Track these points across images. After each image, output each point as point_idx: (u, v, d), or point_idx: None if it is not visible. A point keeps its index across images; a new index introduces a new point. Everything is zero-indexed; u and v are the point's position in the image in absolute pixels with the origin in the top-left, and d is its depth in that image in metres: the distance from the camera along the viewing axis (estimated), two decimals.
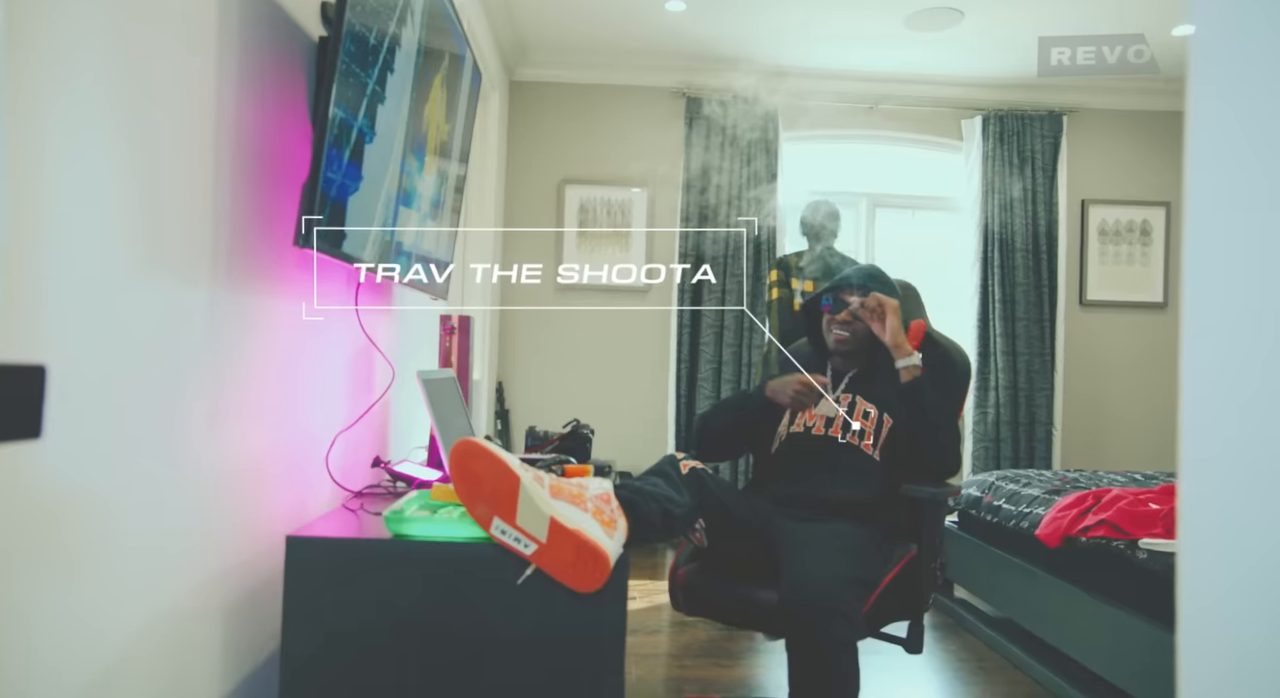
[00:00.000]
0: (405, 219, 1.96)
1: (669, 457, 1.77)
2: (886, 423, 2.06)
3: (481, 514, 1.29)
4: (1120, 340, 4.57)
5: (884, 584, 1.82)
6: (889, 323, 2.04)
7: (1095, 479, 3.22)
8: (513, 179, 4.44)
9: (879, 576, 1.82)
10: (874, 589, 1.78)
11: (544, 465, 2.21)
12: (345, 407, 2.01)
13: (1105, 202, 4.57)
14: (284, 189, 1.55)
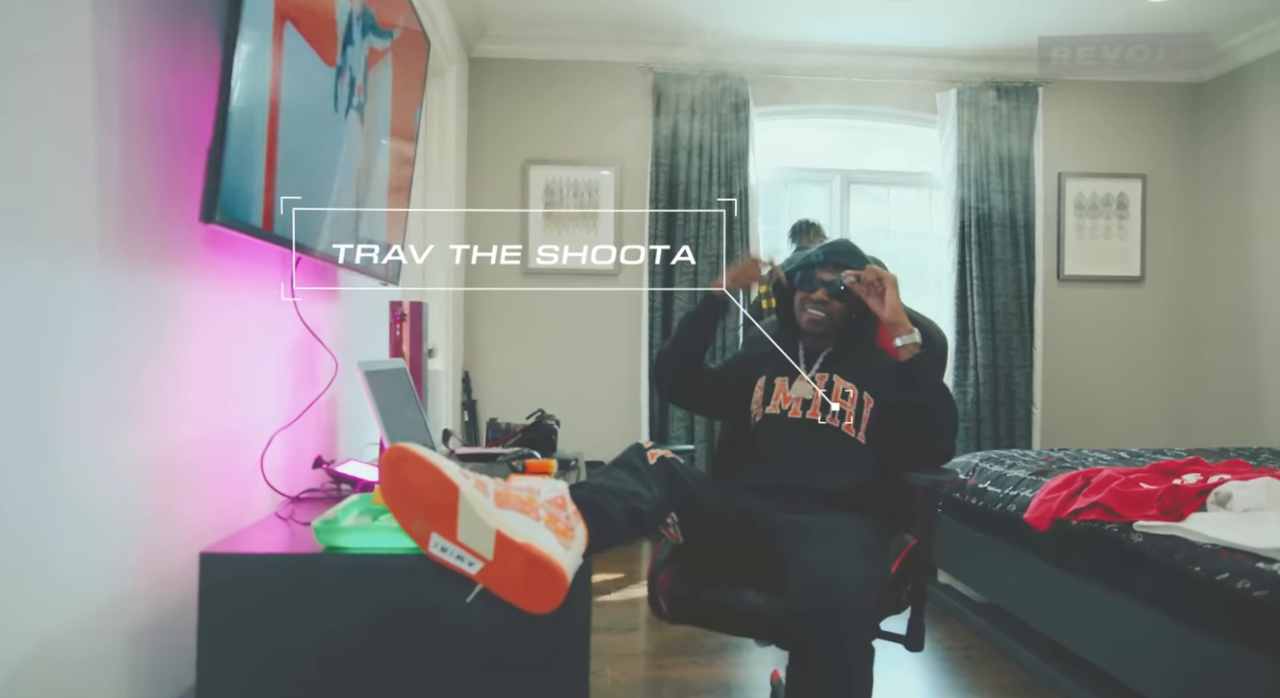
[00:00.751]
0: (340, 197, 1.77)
1: (634, 446, 1.61)
2: (868, 403, 1.92)
3: (418, 531, 1.12)
4: (1098, 315, 4.48)
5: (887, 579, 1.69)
6: (889, 298, 1.87)
7: (1080, 459, 3.11)
8: (475, 161, 4.24)
9: (885, 571, 1.68)
10: (880, 584, 1.63)
11: (505, 460, 2.05)
12: (285, 403, 1.83)
13: (1082, 174, 4.46)
14: (197, 159, 1.37)
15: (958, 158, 4.31)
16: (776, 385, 2.03)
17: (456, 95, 3.85)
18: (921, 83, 4.38)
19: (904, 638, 1.79)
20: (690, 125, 4.21)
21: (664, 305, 4.19)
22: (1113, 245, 4.49)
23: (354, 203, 1.87)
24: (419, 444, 1.15)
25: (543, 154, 4.27)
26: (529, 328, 4.28)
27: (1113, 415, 4.45)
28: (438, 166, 3.71)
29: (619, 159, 4.29)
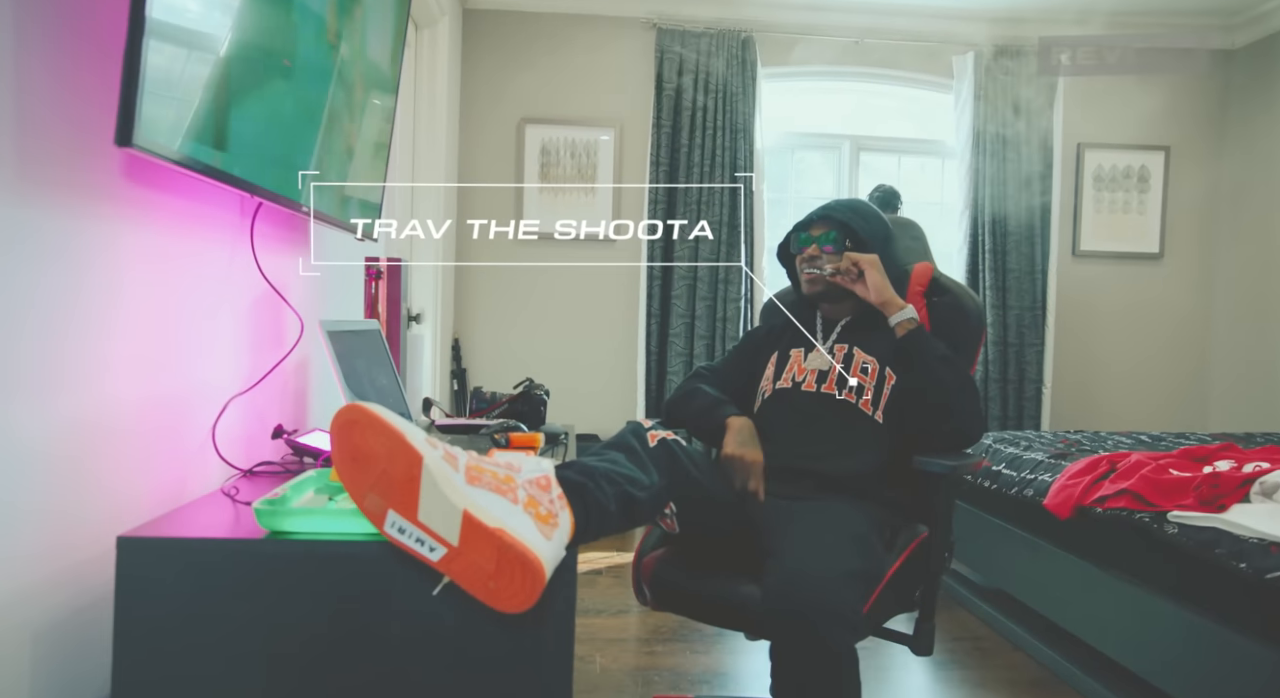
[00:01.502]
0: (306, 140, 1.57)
1: (633, 426, 1.42)
2: (889, 379, 1.74)
3: (373, 507, 0.94)
4: (1114, 293, 4.29)
5: (889, 576, 1.51)
6: (870, 280, 1.70)
7: (1098, 441, 2.94)
8: (468, 117, 4.02)
9: (883, 567, 1.51)
10: (877, 583, 1.46)
11: (489, 432, 1.87)
12: (245, 366, 1.64)
13: (1102, 145, 4.25)
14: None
15: (973, 126, 4.09)
16: (791, 357, 1.85)
17: (449, 47, 3.62)
18: (937, 45, 4.15)
19: (909, 639, 1.62)
20: (694, 85, 3.98)
21: (663, 275, 4.00)
22: (1131, 220, 4.29)
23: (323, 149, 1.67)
24: (381, 406, 0.97)
25: (539, 112, 4.05)
26: (523, 295, 4.09)
27: (1126, 397, 4.28)
28: (428, 121, 3.49)
29: (619, 120, 4.07)
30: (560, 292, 4.09)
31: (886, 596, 1.50)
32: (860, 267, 1.72)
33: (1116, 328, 4.29)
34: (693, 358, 3.95)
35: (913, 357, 1.67)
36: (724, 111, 3.98)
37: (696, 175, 3.97)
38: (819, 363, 1.80)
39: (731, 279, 3.98)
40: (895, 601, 1.57)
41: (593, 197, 4.07)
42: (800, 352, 1.85)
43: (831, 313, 1.87)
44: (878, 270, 1.72)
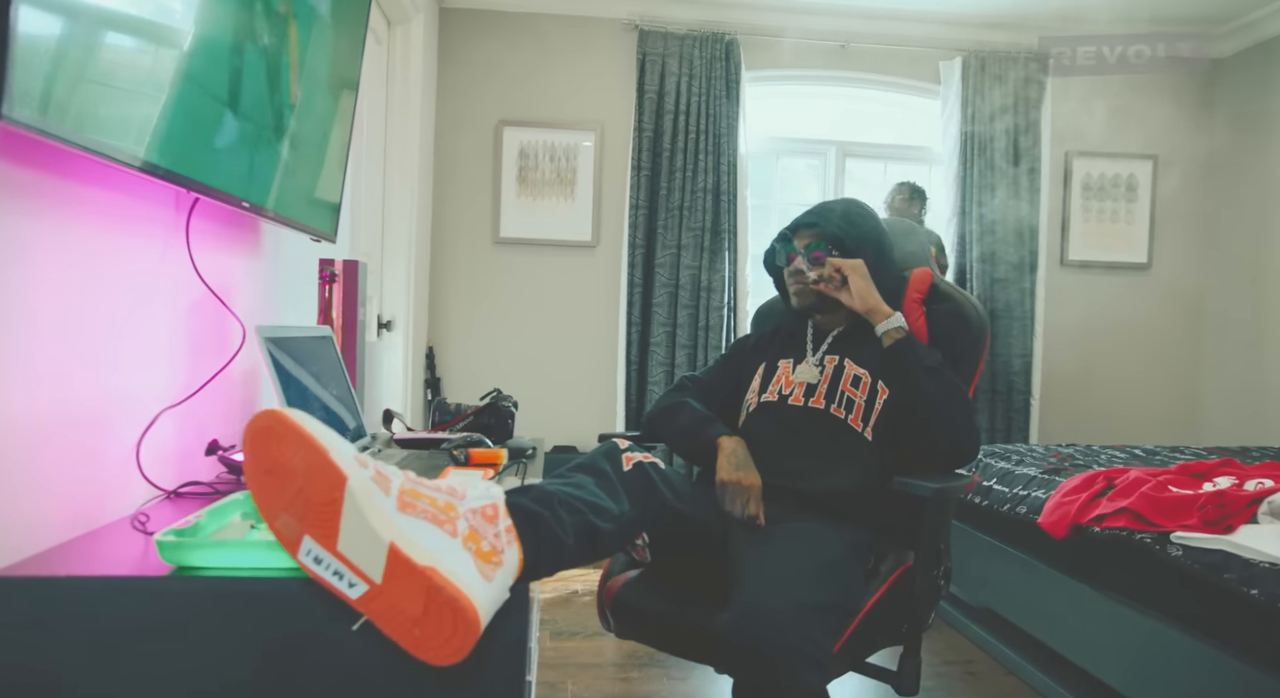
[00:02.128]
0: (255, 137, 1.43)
1: (607, 446, 1.29)
2: (881, 393, 1.62)
3: (286, 530, 0.81)
4: (1101, 304, 4.20)
5: (868, 608, 1.38)
6: (853, 286, 1.59)
7: (1092, 455, 2.84)
8: (445, 119, 3.88)
9: (860, 597, 1.38)
10: (853, 617, 1.33)
11: (449, 448, 1.73)
12: (182, 376, 1.50)
13: (1091, 154, 4.16)
14: None
15: (960, 132, 4.00)
16: (779, 368, 1.73)
17: (424, 46, 3.49)
18: (924, 50, 4.06)
19: (893, 676, 1.49)
20: (677, 88, 3.87)
21: (644, 282, 3.87)
22: (1120, 230, 4.21)
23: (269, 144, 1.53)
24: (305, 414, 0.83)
25: (518, 115, 3.92)
26: (500, 302, 3.95)
27: (1115, 409, 4.19)
28: (400, 121, 3.35)
29: (599, 123, 3.95)
30: (539, 299, 3.95)
31: (866, 629, 1.37)
32: (843, 272, 1.61)
33: (1105, 339, 4.20)
34: (674, 368, 3.82)
35: (899, 368, 1.55)
36: (707, 115, 3.86)
37: (679, 180, 3.85)
38: (808, 375, 1.68)
39: (715, 287, 3.85)
40: (879, 634, 1.45)
41: (573, 201, 3.94)
42: (788, 363, 1.73)
43: (824, 323, 1.76)
44: (861, 276, 1.61)
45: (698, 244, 3.82)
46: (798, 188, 4.37)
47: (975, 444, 1.55)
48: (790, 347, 1.76)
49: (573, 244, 3.95)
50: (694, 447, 1.60)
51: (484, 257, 3.93)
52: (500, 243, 3.92)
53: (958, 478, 1.48)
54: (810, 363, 1.70)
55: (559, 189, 3.94)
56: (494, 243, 3.92)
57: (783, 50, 4.01)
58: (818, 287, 1.64)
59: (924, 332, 1.75)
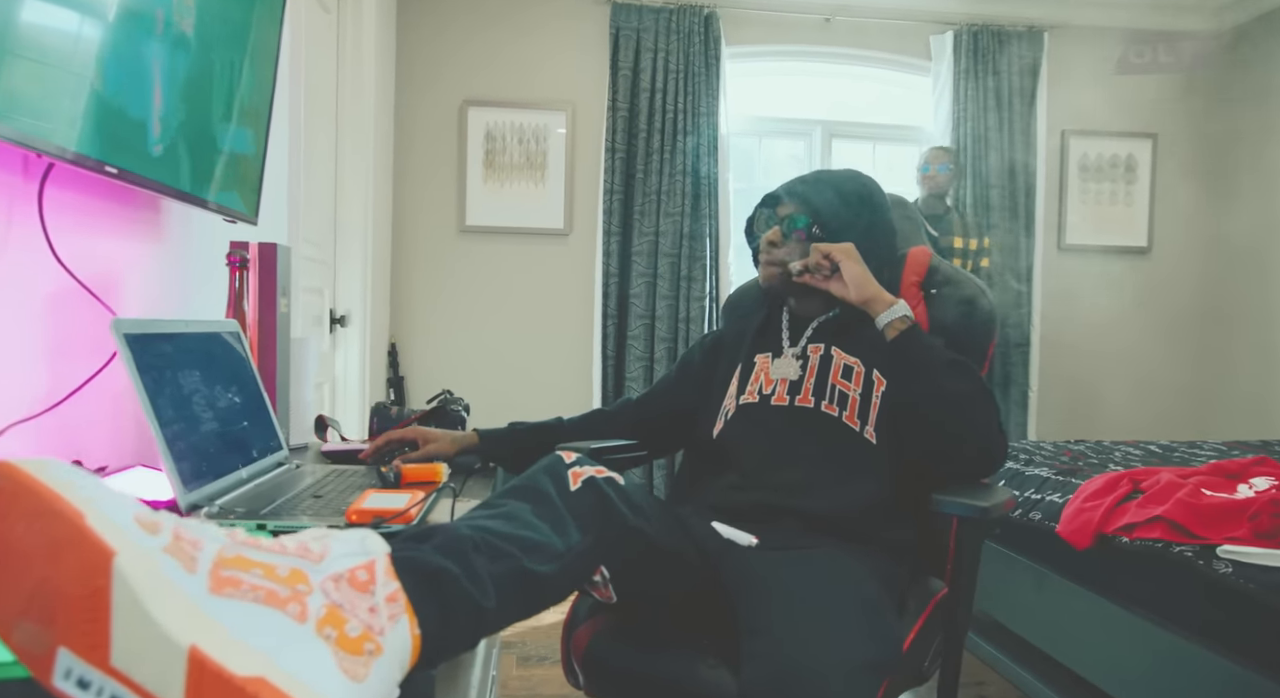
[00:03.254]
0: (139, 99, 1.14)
1: (550, 460, 1.02)
2: (878, 384, 1.36)
3: (29, 644, 0.52)
4: (1101, 289, 3.96)
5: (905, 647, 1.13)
6: (848, 274, 1.32)
7: (1104, 452, 2.59)
8: (405, 99, 3.58)
9: (899, 642, 1.12)
10: (893, 669, 1.07)
11: (377, 462, 1.45)
12: (43, 383, 1.21)
13: (1087, 133, 3.92)
14: None
15: (952, 110, 3.75)
16: (756, 364, 1.47)
17: (379, 17, 3.19)
18: (913, 24, 3.80)
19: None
20: (653, 65, 3.59)
21: (620, 272, 3.59)
22: (1119, 212, 3.97)
23: (170, 113, 1.24)
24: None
25: (484, 94, 3.63)
26: (467, 294, 3.66)
27: (1118, 400, 3.96)
28: (354, 101, 3.05)
29: (571, 103, 3.66)
30: (508, 291, 3.67)
31: (899, 678, 1.11)
32: (834, 259, 1.34)
33: (1105, 326, 3.97)
34: (653, 363, 3.55)
35: (909, 365, 1.28)
36: (686, 94, 3.59)
37: (656, 163, 3.57)
38: (787, 370, 1.42)
39: (695, 276, 3.59)
40: (909, 679, 1.19)
41: (543, 186, 3.66)
42: (766, 357, 1.46)
43: (801, 308, 1.49)
44: (855, 261, 1.34)
45: (677, 231, 3.55)
46: (782, 170, 4.10)
47: (1004, 449, 1.30)
48: (767, 339, 1.50)
49: (544, 232, 3.67)
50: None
51: (449, 246, 3.64)
52: (466, 231, 3.63)
53: (994, 493, 1.21)
54: (790, 355, 1.43)
55: (528, 173, 3.65)
56: (459, 231, 3.63)
57: (764, 24, 3.74)
58: (804, 279, 1.37)
59: (924, 320, 1.50)
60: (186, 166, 1.35)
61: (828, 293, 1.39)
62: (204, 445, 1.13)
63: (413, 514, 1.04)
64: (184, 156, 1.34)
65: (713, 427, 1.45)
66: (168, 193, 1.33)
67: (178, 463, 1.03)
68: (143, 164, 1.22)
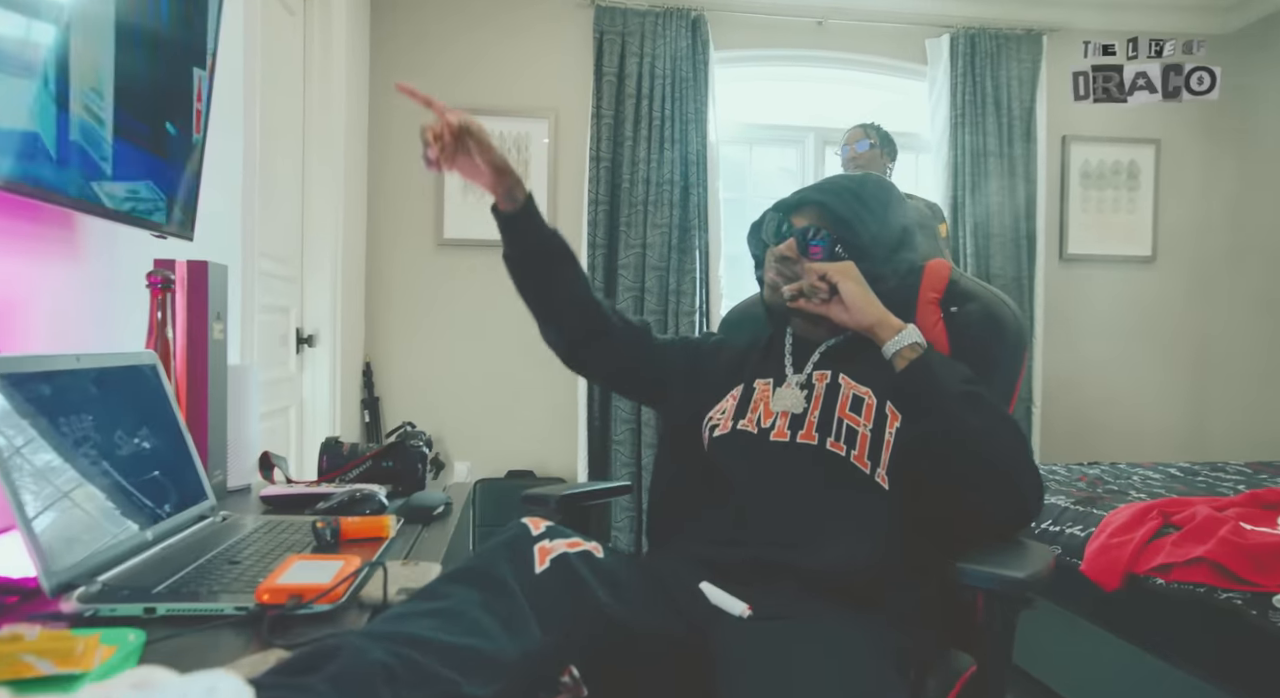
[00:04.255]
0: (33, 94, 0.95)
1: (513, 532, 0.83)
2: (892, 419, 1.18)
3: None
4: (1104, 301, 3.80)
5: None
6: (846, 296, 1.17)
7: (1122, 476, 2.42)
8: (380, 107, 3.40)
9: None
10: None
11: (314, 517, 1.26)
12: None
13: (1089, 139, 3.76)
14: None
15: (950, 116, 3.59)
16: (756, 391, 1.28)
17: (350, 20, 3.00)
18: (908, 27, 3.64)
19: None
20: (639, 70, 3.42)
21: (606, 284, 3.41)
22: (1122, 220, 3.81)
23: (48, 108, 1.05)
24: None
25: (463, 101, 3.43)
26: (446, 310, 3.46)
27: (1124, 416, 3.78)
28: (322, 110, 2.86)
29: (553, 110, 3.48)
30: (489, 306, 3.47)
31: None
32: (831, 281, 1.17)
33: (1109, 339, 3.80)
34: None
35: (921, 399, 1.10)
36: (673, 100, 3.41)
37: (643, 172, 3.39)
38: (789, 402, 1.24)
39: (684, 290, 3.40)
40: None
41: None
42: (768, 385, 1.28)
43: (807, 330, 1.31)
44: (855, 282, 1.17)
45: (665, 242, 3.37)
46: (773, 180, 3.93)
47: (1040, 495, 1.11)
48: (769, 362, 1.32)
49: None
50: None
51: (427, 260, 3.45)
52: (445, 245, 3.44)
53: (1032, 554, 1.02)
54: (793, 384, 1.25)
55: None
56: (438, 245, 3.44)
57: (754, 28, 3.57)
58: (798, 304, 1.20)
59: (944, 342, 1.32)
60: (75, 169, 1.15)
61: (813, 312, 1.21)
62: (90, 506, 0.93)
63: (340, 592, 0.85)
64: (76, 158, 1.15)
65: (698, 429, 1.27)
66: (88, 211, 1.14)
67: (44, 534, 0.83)
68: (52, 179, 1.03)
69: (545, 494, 1.18)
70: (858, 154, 2.92)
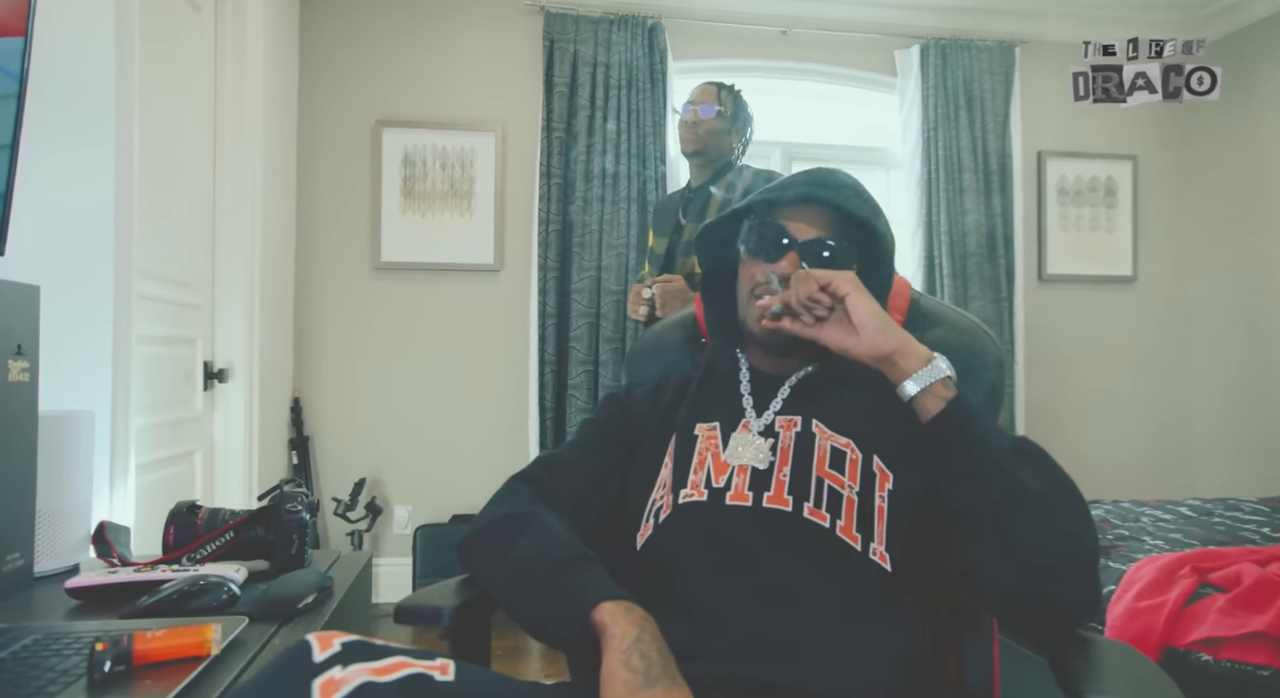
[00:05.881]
0: None
1: (289, 655, 0.51)
2: (882, 478, 0.88)
3: None
4: (1085, 323, 3.57)
5: None
6: (858, 315, 0.87)
7: (1129, 518, 2.14)
8: (309, 119, 3.08)
9: None
10: None
11: (152, 605, 0.92)
12: None
13: (1064, 154, 3.56)
14: None
15: (922, 130, 3.36)
16: (700, 438, 0.98)
17: (269, 23, 2.68)
18: (877, 37, 3.41)
19: None
20: (592, 81, 3.14)
21: (558, 312, 3.09)
22: (1100, 239, 3.60)
23: None
24: None
25: (400, 114, 3.14)
26: (384, 339, 3.12)
27: (1110, 446, 3.53)
28: (234, 121, 2.53)
29: (500, 122, 3.19)
30: (431, 335, 3.14)
31: None
32: (837, 293, 0.88)
33: (1092, 364, 3.57)
34: None
35: (965, 455, 0.81)
36: (629, 112, 3.14)
37: (597, 189, 3.10)
38: (750, 453, 0.93)
39: None
40: None
41: (470, 217, 3.16)
42: (713, 430, 0.98)
43: (775, 365, 1.01)
44: (867, 296, 0.88)
45: (621, 265, 3.07)
46: None
47: (1093, 588, 0.82)
48: (717, 401, 1.01)
49: (471, 268, 3.16)
50: (546, 616, 0.81)
51: (362, 286, 3.11)
52: (382, 268, 3.11)
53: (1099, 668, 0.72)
54: (754, 430, 0.95)
55: (453, 203, 3.15)
56: (374, 269, 3.11)
57: (716, 37, 3.32)
58: (778, 325, 0.90)
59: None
60: None
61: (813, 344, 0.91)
62: None
63: None
64: None
65: (637, 530, 0.95)
66: None
67: None
68: None
69: (429, 606, 0.84)
70: (700, 120, 2.19)
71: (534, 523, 0.86)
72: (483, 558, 0.88)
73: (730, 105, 2.25)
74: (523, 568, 0.81)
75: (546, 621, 0.78)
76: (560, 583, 0.77)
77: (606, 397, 1.10)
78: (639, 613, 0.74)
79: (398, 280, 3.12)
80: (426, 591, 0.89)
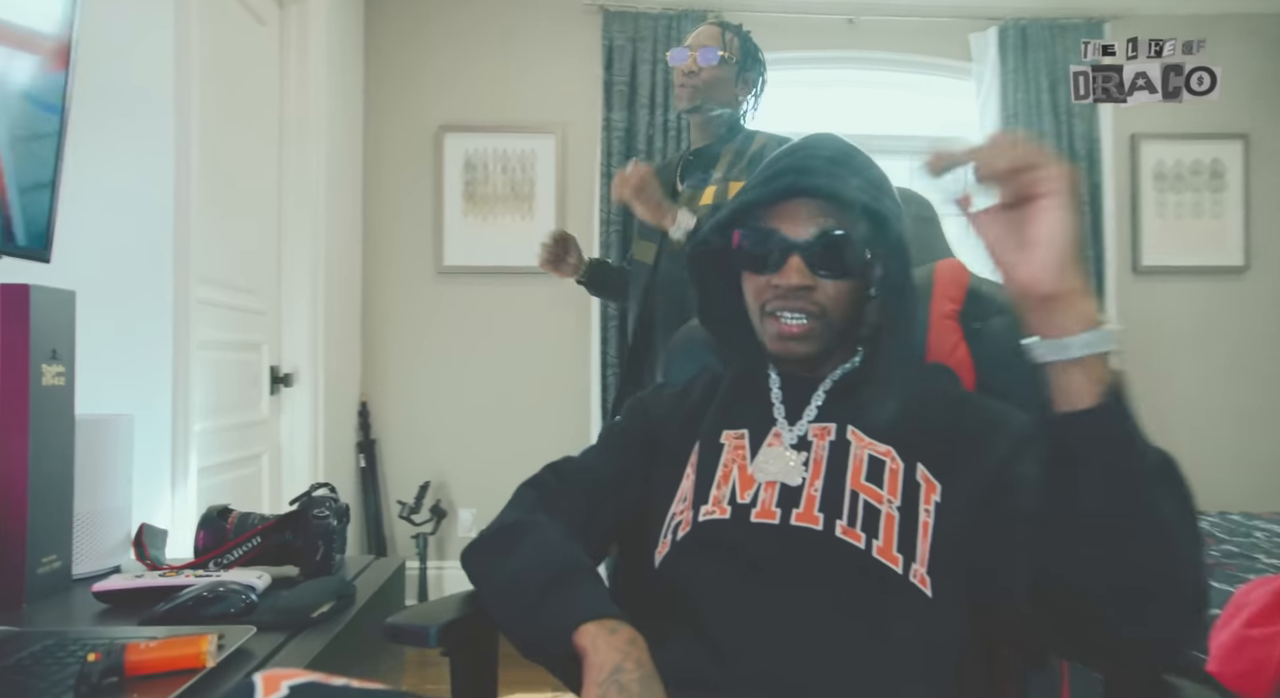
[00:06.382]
0: None
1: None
2: (927, 490, 0.78)
3: None
4: (1188, 317, 3.29)
5: None
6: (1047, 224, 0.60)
7: (1240, 532, 1.94)
8: (373, 126, 3.12)
9: None
10: None
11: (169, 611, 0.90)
12: None
13: (1162, 136, 3.28)
14: None
15: (1001, 116, 3.16)
16: (726, 448, 0.89)
17: (332, 32, 2.73)
18: (950, 21, 3.23)
19: None
20: (651, 78, 3.08)
21: (621, 314, 3.03)
22: (1205, 226, 3.31)
23: None
24: None
25: (462, 118, 3.14)
26: (447, 343, 3.14)
27: (1212, 452, 3.23)
28: (298, 129, 2.58)
29: (560, 124, 3.16)
30: (493, 339, 3.14)
31: None
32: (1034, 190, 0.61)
33: (1193, 362, 3.28)
34: None
35: (1108, 465, 0.65)
36: None
37: None
38: (779, 467, 0.84)
39: None
40: None
41: (531, 219, 3.14)
42: (740, 437, 0.89)
43: (801, 365, 0.91)
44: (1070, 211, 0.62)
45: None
46: None
47: (1199, 621, 0.69)
48: (746, 406, 0.92)
49: (532, 271, 3.10)
50: (533, 634, 0.74)
51: (426, 289, 3.13)
52: (445, 272, 3.12)
53: None
54: (785, 441, 0.85)
55: (514, 205, 3.14)
56: (437, 273, 3.13)
57: (779, 28, 3.20)
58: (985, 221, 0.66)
59: (968, 368, 0.94)
60: None
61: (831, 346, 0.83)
62: None
63: None
64: None
65: (654, 547, 0.88)
66: None
67: None
68: None
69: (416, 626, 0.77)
70: (699, 68, 1.78)
71: (530, 533, 0.80)
72: (480, 570, 0.82)
73: (736, 49, 1.83)
74: (513, 581, 0.75)
75: (534, 640, 0.71)
76: (545, 600, 0.71)
77: (631, 399, 1.03)
78: (624, 635, 0.66)
79: (460, 284, 3.12)
80: (424, 606, 0.84)
